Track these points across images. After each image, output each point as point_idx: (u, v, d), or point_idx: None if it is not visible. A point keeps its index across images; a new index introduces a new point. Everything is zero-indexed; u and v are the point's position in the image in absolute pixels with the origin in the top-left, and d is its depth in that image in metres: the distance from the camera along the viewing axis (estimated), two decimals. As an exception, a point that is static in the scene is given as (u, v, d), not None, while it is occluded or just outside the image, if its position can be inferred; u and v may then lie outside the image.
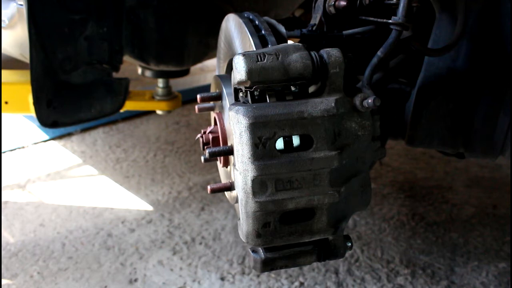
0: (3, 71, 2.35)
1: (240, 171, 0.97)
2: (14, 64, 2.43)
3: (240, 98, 1.06)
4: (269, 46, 1.11)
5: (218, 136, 1.24)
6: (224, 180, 1.38)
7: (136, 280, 2.03)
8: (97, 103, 2.04)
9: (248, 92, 1.01)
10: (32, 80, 1.80)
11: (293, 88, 1.02)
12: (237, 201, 1.26)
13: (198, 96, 1.24)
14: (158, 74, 2.51)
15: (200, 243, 2.25)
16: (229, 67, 1.41)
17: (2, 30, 1.96)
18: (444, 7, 1.31)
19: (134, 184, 2.78)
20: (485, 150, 1.37)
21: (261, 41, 1.13)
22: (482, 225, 2.40)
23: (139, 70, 2.48)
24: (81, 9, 1.81)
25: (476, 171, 2.92)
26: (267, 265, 1.09)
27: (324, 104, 0.99)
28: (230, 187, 1.25)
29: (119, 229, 2.36)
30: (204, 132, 1.27)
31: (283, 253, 1.09)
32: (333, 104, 0.99)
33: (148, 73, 2.47)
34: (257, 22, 1.19)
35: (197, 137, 1.28)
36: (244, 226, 1.02)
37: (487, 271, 2.09)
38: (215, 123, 1.28)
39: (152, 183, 2.80)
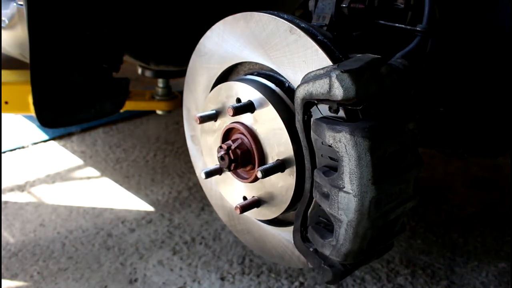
0: (3, 71, 2.36)
1: (355, 193, 0.94)
2: (14, 64, 2.44)
3: (321, 113, 1.02)
4: (336, 54, 1.06)
5: (248, 151, 1.20)
6: (232, 196, 1.35)
7: (136, 280, 2.03)
8: (97, 103, 2.04)
9: (345, 108, 0.97)
10: (32, 80, 1.80)
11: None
12: (263, 217, 1.25)
13: (231, 108, 1.15)
14: (158, 74, 2.51)
15: (200, 243, 2.25)
16: (225, 75, 1.36)
17: (2, 30, 1.96)
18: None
19: (134, 184, 2.78)
20: (485, 150, 1.37)
21: (327, 50, 1.06)
22: (482, 225, 2.40)
23: (139, 70, 2.49)
24: (81, 9, 1.81)
25: (476, 171, 2.92)
26: (345, 275, 1.10)
27: (411, 115, 1.01)
28: (259, 202, 1.23)
29: (119, 229, 2.36)
30: (228, 148, 1.21)
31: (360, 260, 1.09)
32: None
33: (148, 73, 2.47)
34: (303, 25, 1.10)
35: (219, 154, 1.21)
36: (348, 246, 1.00)
37: (487, 271, 2.08)
38: (235, 135, 1.22)
39: (152, 183, 2.80)
